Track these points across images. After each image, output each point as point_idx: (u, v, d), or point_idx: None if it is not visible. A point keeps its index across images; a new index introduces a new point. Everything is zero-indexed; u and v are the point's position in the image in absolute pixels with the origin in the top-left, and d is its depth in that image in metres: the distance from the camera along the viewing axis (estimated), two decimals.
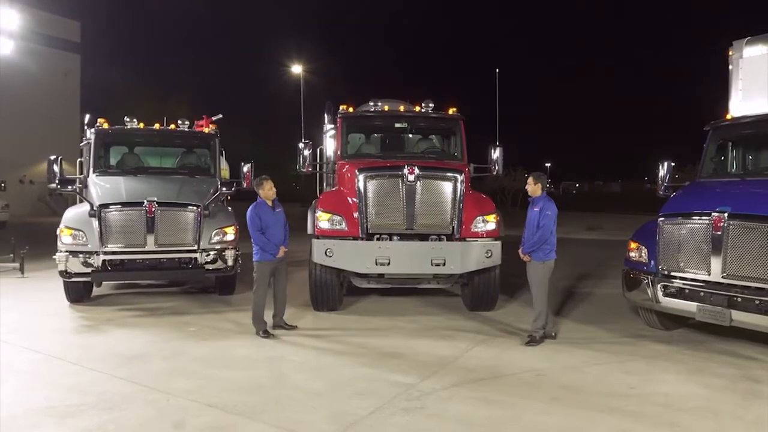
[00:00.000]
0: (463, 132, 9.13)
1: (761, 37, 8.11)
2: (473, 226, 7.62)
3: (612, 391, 5.00)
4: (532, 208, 6.53)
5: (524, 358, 5.97)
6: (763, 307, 5.49)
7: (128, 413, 4.42)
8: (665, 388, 5.12)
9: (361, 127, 9.36)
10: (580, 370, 5.62)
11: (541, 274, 6.38)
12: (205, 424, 4.21)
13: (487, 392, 4.95)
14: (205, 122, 11.77)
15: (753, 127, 7.16)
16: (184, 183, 8.84)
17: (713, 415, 4.50)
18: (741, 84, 8.20)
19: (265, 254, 6.67)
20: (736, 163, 7.49)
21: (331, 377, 5.31)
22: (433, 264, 7.38)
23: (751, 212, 5.66)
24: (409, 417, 4.38)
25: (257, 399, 4.72)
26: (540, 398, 4.82)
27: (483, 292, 7.95)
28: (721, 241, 5.74)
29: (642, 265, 6.67)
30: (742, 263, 5.64)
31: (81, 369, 5.48)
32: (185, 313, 7.91)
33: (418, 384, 5.11)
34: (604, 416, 4.45)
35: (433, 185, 7.49)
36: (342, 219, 7.59)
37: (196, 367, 5.55)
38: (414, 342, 6.57)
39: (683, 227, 6.19)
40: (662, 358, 6.01)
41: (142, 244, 7.98)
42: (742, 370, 5.57)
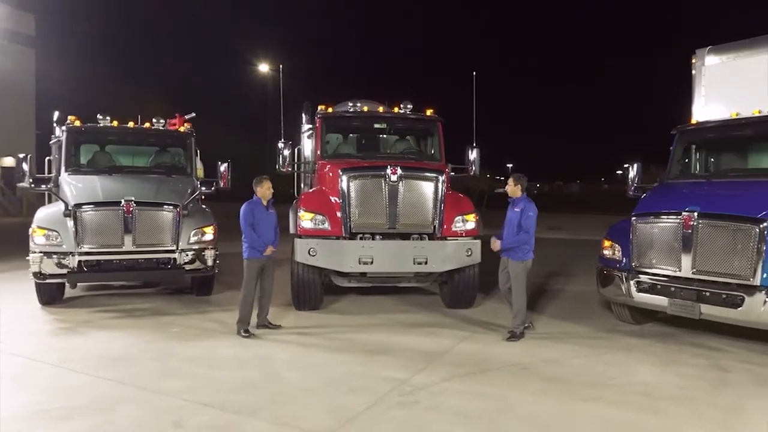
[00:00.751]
0: (441, 133, 9.31)
1: (722, 47, 8.59)
2: (454, 225, 7.79)
3: (594, 382, 5.24)
4: (512, 208, 6.74)
5: (508, 353, 6.17)
6: (729, 301, 5.84)
7: (122, 414, 4.38)
8: (642, 378, 5.39)
9: (341, 128, 9.43)
10: (561, 363, 5.85)
11: (520, 272, 6.60)
12: (204, 422, 4.22)
13: (477, 386, 5.11)
14: (178, 121, 11.61)
15: (716, 132, 7.59)
16: (161, 182, 8.71)
17: (689, 402, 4.79)
18: (703, 90, 8.65)
19: (254, 251, 6.67)
20: (700, 165, 7.90)
21: (323, 374, 5.37)
22: (415, 263, 7.52)
23: (719, 212, 6.01)
24: (406, 411, 4.49)
25: (253, 397, 4.74)
26: (528, 390, 5.02)
27: (462, 290, 8.13)
28: (691, 239, 6.08)
29: (616, 263, 6.98)
30: (710, 260, 5.99)
31: (65, 372, 5.37)
32: (165, 314, 7.81)
33: (409, 379, 5.23)
34: (590, 405, 4.67)
35: (415, 185, 7.62)
36: (325, 218, 7.64)
37: (185, 368, 5.52)
38: (399, 339, 6.69)
39: (655, 226, 6.51)
40: (636, 350, 6.31)
41: (120, 244, 7.83)
42: (711, 360, 5.92)
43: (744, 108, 7.38)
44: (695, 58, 8.84)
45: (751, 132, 7.25)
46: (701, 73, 8.70)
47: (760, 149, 7.47)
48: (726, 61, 8.40)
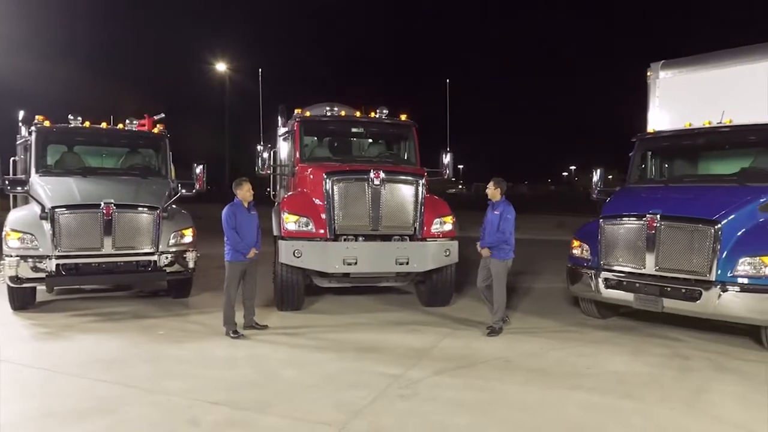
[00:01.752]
0: (415, 137, 9.64)
1: (674, 62, 9.32)
2: (433, 227, 8.13)
3: (573, 372, 5.69)
4: (492, 210, 7.14)
5: (490, 347, 6.55)
6: (688, 295, 6.43)
7: (133, 415, 4.46)
8: (615, 367, 5.88)
9: (318, 131, 9.60)
10: (540, 355, 6.28)
11: (501, 271, 7.01)
12: (218, 420, 4.36)
13: (468, 378, 5.45)
14: (147, 121, 11.44)
15: (672, 140, 8.25)
16: (138, 184, 8.65)
17: (659, 387, 5.29)
18: (657, 101, 9.36)
19: (237, 254, 6.78)
20: (657, 170, 8.55)
21: (320, 372, 5.58)
22: (397, 263, 7.81)
23: (679, 214, 6.60)
24: (408, 403, 4.77)
25: (258, 395, 4.91)
26: (514, 381, 5.40)
27: (440, 289, 8.49)
28: (654, 239, 6.65)
29: (585, 261, 7.50)
30: (671, 258, 6.57)
31: (62, 376, 5.36)
32: (145, 317, 7.79)
33: (404, 374, 5.51)
34: (573, 392, 5.09)
35: (397, 189, 7.92)
36: (309, 220, 7.83)
37: (182, 369, 5.60)
38: (385, 337, 6.96)
39: (621, 227, 7.05)
40: (605, 342, 6.82)
41: (99, 247, 7.75)
42: (673, 350, 6.49)
43: (695, 119, 8.07)
44: (650, 71, 9.54)
45: (703, 141, 7.94)
46: (655, 85, 9.40)
47: (710, 157, 8.18)
48: (678, 75, 9.13)
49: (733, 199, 6.67)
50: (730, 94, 8.04)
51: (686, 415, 4.66)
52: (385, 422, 4.36)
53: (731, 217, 6.41)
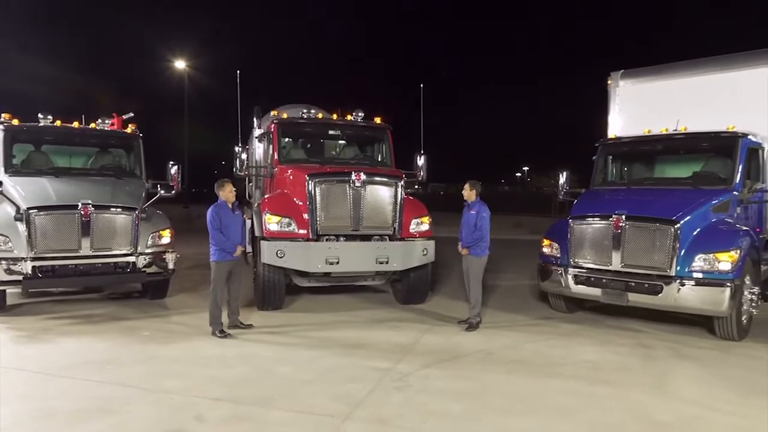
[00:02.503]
0: (390, 140, 9.92)
1: (633, 71, 9.98)
2: (411, 227, 8.43)
3: (550, 362, 6.09)
4: (468, 210, 7.49)
5: (469, 341, 6.90)
6: (651, 289, 6.96)
7: (138, 413, 4.54)
8: (587, 356, 6.32)
9: (296, 133, 9.74)
10: (517, 348, 6.67)
11: (478, 268, 7.37)
12: (224, 415, 4.50)
13: (454, 370, 5.76)
14: (116, 121, 11.26)
15: (632, 146, 8.84)
16: (115, 185, 8.56)
17: (628, 373, 5.75)
18: (617, 108, 10.00)
19: (224, 254, 6.87)
20: (619, 173, 9.12)
21: (313, 368, 5.76)
22: (377, 262, 8.07)
23: (642, 215, 7.13)
24: (403, 394, 5.04)
25: (257, 391, 5.06)
26: (498, 371, 5.75)
27: (417, 287, 8.80)
28: (620, 237, 7.15)
29: (555, 259, 7.95)
30: (635, 255, 7.09)
31: (54, 378, 5.34)
32: (124, 319, 7.75)
33: (393, 368, 5.77)
34: (553, 380, 5.48)
35: (377, 190, 8.16)
36: (291, 221, 7.98)
37: (176, 368, 5.67)
38: (368, 333, 7.20)
39: (589, 227, 7.54)
40: (575, 334, 7.29)
41: (76, 248, 7.66)
42: (637, 340, 7.02)
43: (653, 125, 8.69)
44: (610, 79, 10.17)
45: (661, 147, 8.56)
46: (615, 93, 10.04)
47: (667, 161, 8.80)
48: (636, 84, 9.79)
49: (689, 201, 7.25)
50: (684, 103, 8.71)
51: (653, 396, 5.11)
52: (385, 412, 4.60)
53: (688, 217, 6.98)
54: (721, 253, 6.74)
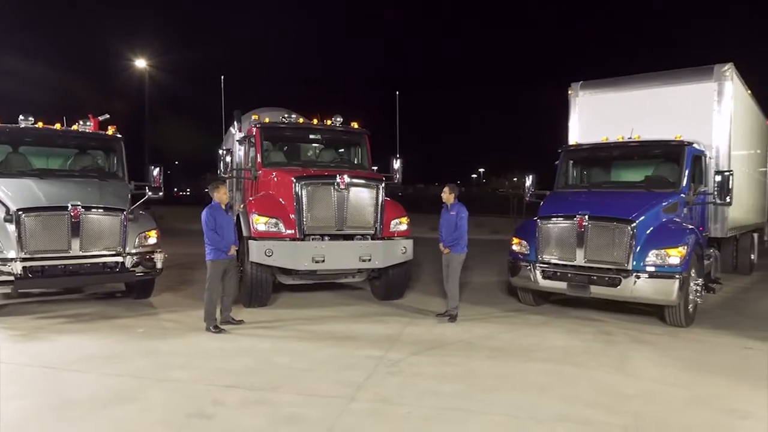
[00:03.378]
0: (368, 144, 10.42)
1: (591, 83, 10.83)
2: (391, 227, 8.95)
3: (525, 349, 6.73)
4: (448, 212, 8.07)
5: (450, 332, 7.48)
6: (610, 282, 7.72)
7: (155, 400, 4.86)
8: (556, 343, 7.00)
9: (277, 137, 10.09)
10: (494, 337, 7.29)
11: (457, 264, 7.96)
12: (239, 400, 4.89)
13: (441, 357, 6.31)
14: (92, 122, 11.30)
15: (591, 152, 9.65)
16: (101, 187, 8.70)
17: (593, 356, 6.45)
18: (577, 116, 10.82)
19: (219, 253, 7.20)
20: (579, 177, 9.91)
21: (310, 358, 6.20)
22: (361, 260, 8.55)
23: (603, 215, 7.88)
24: (398, 378, 5.54)
25: (263, 379, 5.46)
26: (480, 358, 6.34)
27: (396, 283, 9.33)
28: (584, 236, 7.88)
29: (524, 256, 8.63)
30: (597, 251, 7.83)
31: (63, 371, 5.57)
32: (115, 317, 7.94)
33: (385, 356, 6.27)
34: (530, 364, 6.11)
35: (359, 192, 8.64)
36: (279, 221, 8.36)
37: (180, 361, 5.99)
38: (354, 327, 7.67)
39: (556, 226, 8.25)
40: (544, 324, 7.98)
41: (66, 249, 7.81)
42: (598, 328, 7.76)
43: (610, 133, 9.52)
44: (570, 89, 11.00)
45: (617, 153, 9.40)
46: (575, 103, 10.86)
47: (622, 166, 9.65)
48: (595, 94, 10.64)
49: (643, 202, 8.06)
50: (638, 113, 9.58)
51: (616, 374, 5.81)
52: (385, 393, 5.10)
53: (642, 217, 7.78)
54: (670, 249, 7.56)
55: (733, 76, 9.71)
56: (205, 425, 4.36)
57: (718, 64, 9.62)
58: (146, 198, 8.99)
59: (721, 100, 9.54)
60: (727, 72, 9.54)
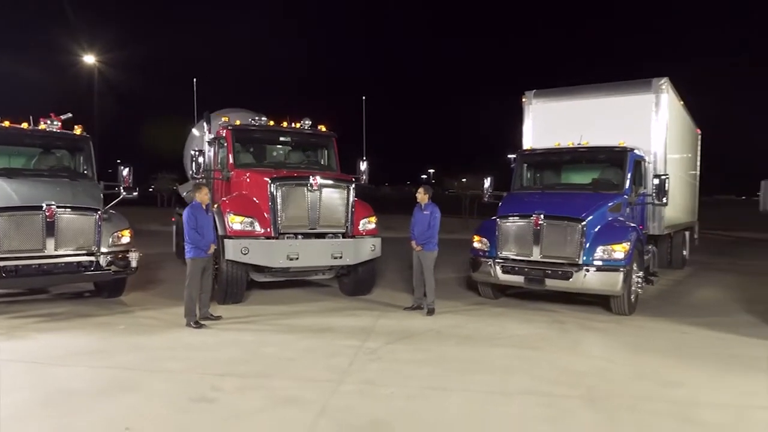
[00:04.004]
0: (335, 147, 10.85)
1: (545, 91, 11.65)
2: (360, 226, 9.43)
3: (489, 336, 7.37)
4: (421, 211, 8.60)
5: (419, 323, 8.03)
6: (563, 275, 8.48)
7: (157, 389, 5.14)
8: (516, 332, 7.68)
9: (248, 139, 10.37)
10: (461, 327, 7.89)
11: (431, 261, 8.51)
12: (236, 386, 5.24)
13: (414, 345, 6.85)
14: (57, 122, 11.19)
15: (545, 156, 10.45)
16: (73, 186, 8.75)
17: (549, 342, 7.15)
18: (531, 123, 11.62)
19: (199, 251, 7.48)
20: (533, 180, 10.69)
21: (295, 348, 6.60)
22: (332, 257, 8.98)
23: (556, 214, 8.63)
24: (379, 363, 6.04)
25: (254, 367, 5.83)
26: (449, 345, 6.92)
27: (365, 279, 9.82)
28: (539, 233, 8.62)
29: (485, 253, 9.30)
30: (551, 248, 8.57)
31: (55, 366, 5.74)
32: (92, 315, 8.04)
33: (363, 345, 6.74)
34: (495, 349, 6.73)
35: (332, 193, 9.07)
36: (254, 221, 8.68)
37: (169, 354, 6.25)
38: (329, 320, 8.11)
39: (514, 225, 8.95)
40: (504, 315, 8.66)
41: (41, 248, 7.87)
42: (552, 317, 8.51)
43: (561, 139, 10.34)
44: (525, 97, 11.79)
45: (568, 157, 10.22)
46: (529, 110, 11.66)
47: (574, 169, 10.49)
48: (547, 102, 11.46)
49: (591, 203, 8.88)
50: (586, 120, 10.44)
51: (570, 356, 6.52)
52: (370, 376, 5.58)
53: (591, 217, 8.58)
54: (616, 245, 8.39)
55: (669, 88, 10.74)
56: (210, 407, 4.72)
57: (655, 78, 10.62)
58: (121, 198, 9.09)
59: (658, 110, 10.54)
60: (663, 85, 10.55)
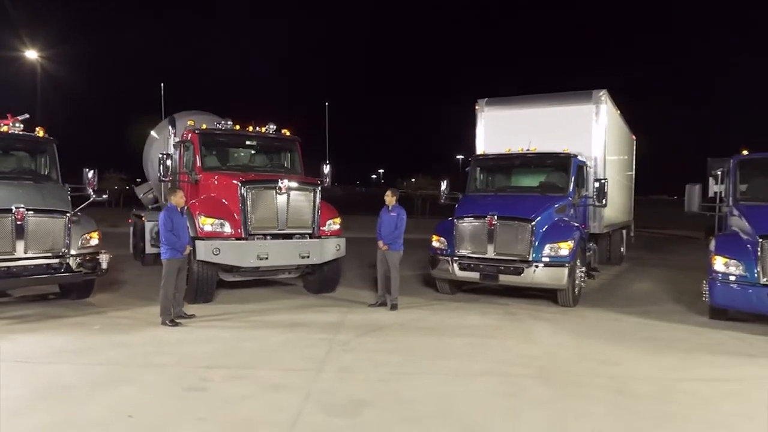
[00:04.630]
0: (299, 150, 11.28)
1: (495, 100, 12.49)
2: (326, 226, 9.91)
3: (450, 327, 8.03)
4: (388, 213, 9.15)
5: (385, 318, 8.60)
6: (515, 271, 9.26)
7: (150, 380, 5.44)
8: (474, 322, 8.38)
9: (215, 143, 10.64)
10: (423, 320, 8.52)
11: (396, 260, 9.08)
12: (223, 376, 5.64)
13: (381, 337, 7.41)
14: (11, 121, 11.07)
15: (497, 161, 11.25)
16: (41, 189, 8.81)
17: (503, 330, 7.88)
18: (483, 129, 12.44)
19: (175, 252, 7.77)
20: (485, 183, 11.47)
21: (272, 342, 7.02)
22: (300, 257, 9.43)
23: (509, 215, 9.40)
24: (352, 354, 6.56)
25: (237, 360, 6.22)
26: (415, 336, 7.51)
27: (330, 278, 10.31)
28: (493, 233, 9.36)
29: (443, 251, 9.98)
30: (504, 246, 9.34)
31: (42, 364, 5.94)
32: (64, 317, 8.15)
33: (335, 338, 7.25)
34: (456, 338, 7.38)
35: (299, 195, 9.51)
36: (224, 222, 9.02)
37: (151, 350, 6.54)
38: (299, 316, 8.55)
39: (470, 225, 9.67)
40: (461, 309, 9.35)
41: (11, 251, 7.93)
42: (505, 309, 9.28)
43: (512, 144, 11.17)
44: (478, 105, 12.60)
45: (518, 162, 11.06)
46: (481, 117, 12.48)
47: (523, 173, 11.34)
48: (498, 110, 12.30)
49: (540, 204, 9.71)
50: (535, 127, 11.32)
51: (524, 342, 7.26)
52: (345, 364, 6.10)
53: (539, 217, 9.40)
54: (561, 243, 9.24)
55: (607, 99, 11.79)
56: (204, 395, 5.11)
57: (595, 89, 11.64)
58: (91, 200, 9.20)
59: (597, 119, 11.56)
60: (602, 96, 11.58)
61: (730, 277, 7.94)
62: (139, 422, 4.49)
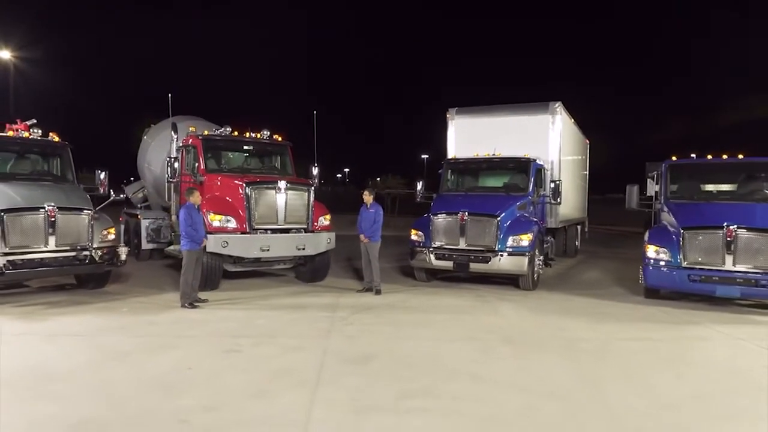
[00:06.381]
0: (291, 154, 12.53)
1: (464, 109, 14.00)
2: (318, 222, 11.21)
3: (430, 307, 9.45)
4: (367, 210, 10.52)
5: (374, 300, 9.96)
6: (483, 260, 10.75)
7: (193, 348, 6.63)
8: (450, 303, 9.82)
9: (216, 147, 11.79)
10: (406, 302, 9.92)
11: (375, 250, 10.45)
12: (251, 343, 6.88)
13: (374, 315, 8.77)
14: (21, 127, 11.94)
15: (466, 164, 12.75)
16: (64, 190, 9.81)
17: (475, 309, 9.35)
18: (454, 135, 13.93)
19: (194, 244, 8.94)
20: (454, 182, 12.94)
21: (281, 320, 8.28)
22: (297, 248, 10.70)
23: (478, 212, 10.89)
24: (353, 326, 7.90)
25: (256, 332, 7.48)
26: (402, 314, 8.91)
27: (321, 268, 11.61)
28: (464, 227, 10.84)
29: (421, 243, 11.40)
30: (474, 238, 10.82)
31: (91, 337, 7.06)
32: (90, 302, 9.19)
33: (335, 315, 8.57)
34: (437, 315, 8.81)
35: (296, 194, 10.78)
36: (231, 218, 10.21)
37: (180, 327, 7.72)
38: (299, 300, 9.83)
39: (444, 220, 11.12)
40: (438, 294, 10.79)
41: (44, 244, 8.95)
42: (475, 293, 10.77)
43: (479, 149, 12.69)
44: (449, 113, 14.09)
45: (485, 166, 12.59)
46: (452, 124, 13.98)
47: (490, 175, 12.87)
48: (467, 118, 13.81)
49: (504, 202, 11.24)
50: (500, 134, 12.87)
51: (492, 317, 8.73)
52: (349, 333, 7.44)
53: (504, 213, 10.92)
54: (523, 235, 10.78)
55: (562, 110, 13.44)
56: (240, 355, 6.37)
57: (552, 101, 13.27)
58: (111, 199, 10.24)
59: (554, 128, 13.20)
60: (557, 107, 13.22)
61: (660, 263, 9.62)
62: (198, 373, 5.73)
